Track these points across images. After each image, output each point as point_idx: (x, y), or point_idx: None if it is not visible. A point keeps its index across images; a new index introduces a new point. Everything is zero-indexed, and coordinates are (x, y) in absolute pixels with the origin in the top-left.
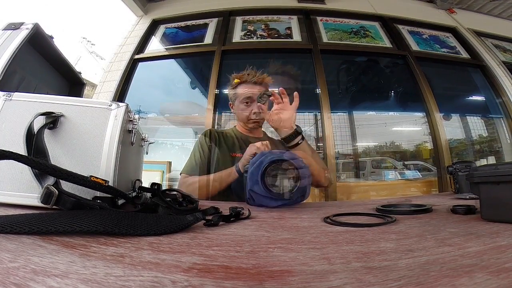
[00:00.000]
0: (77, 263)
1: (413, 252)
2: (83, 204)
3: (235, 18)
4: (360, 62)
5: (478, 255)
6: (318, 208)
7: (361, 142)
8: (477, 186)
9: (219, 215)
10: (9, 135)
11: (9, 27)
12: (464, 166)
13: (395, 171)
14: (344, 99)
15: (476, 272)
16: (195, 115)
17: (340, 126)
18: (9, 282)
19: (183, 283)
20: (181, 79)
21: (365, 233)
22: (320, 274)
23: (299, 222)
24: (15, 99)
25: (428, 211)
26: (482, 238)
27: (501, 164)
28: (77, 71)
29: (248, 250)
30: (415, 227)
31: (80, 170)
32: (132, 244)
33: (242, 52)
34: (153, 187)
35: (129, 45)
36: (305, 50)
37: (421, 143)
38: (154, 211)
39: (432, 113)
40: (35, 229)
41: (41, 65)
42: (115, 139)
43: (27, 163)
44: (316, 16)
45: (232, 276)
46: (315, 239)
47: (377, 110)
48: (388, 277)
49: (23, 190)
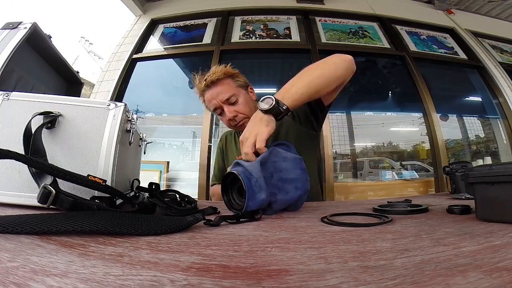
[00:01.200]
0: (76, 262)
1: (409, 251)
2: (81, 204)
3: (234, 18)
4: (358, 62)
5: (472, 255)
6: (315, 208)
7: (359, 142)
8: (472, 186)
9: (219, 217)
10: (7, 134)
11: (7, 26)
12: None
13: (392, 171)
14: (342, 99)
15: (470, 272)
16: (193, 114)
17: (338, 126)
18: (8, 282)
19: (181, 282)
20: (179, 79)
21: (362, 233)
22: (317, 273)
23: (297, 222)
24: (12, 98)
25: (424, 211)
26: (477, 237)
27: (496, 165)
28: (75, 70)
29: (246, 250)
30: (411, 227)
31: (78, 169)
32: (131, 243)
33: (241, 52)
34: (151, 187)
35: (127, 45)
36: (304, 50)
37: (418, 143)
38: (152, 211)
39: (430, 114)
40: (36, 229)
41: (39, 64)
42: (113, 139)
43: (25, 162)
44: (314, 16)
45: (230, 275)
46: (313, 239)
47: (375, 110)
48: (383, 276)
49: (21, 190)
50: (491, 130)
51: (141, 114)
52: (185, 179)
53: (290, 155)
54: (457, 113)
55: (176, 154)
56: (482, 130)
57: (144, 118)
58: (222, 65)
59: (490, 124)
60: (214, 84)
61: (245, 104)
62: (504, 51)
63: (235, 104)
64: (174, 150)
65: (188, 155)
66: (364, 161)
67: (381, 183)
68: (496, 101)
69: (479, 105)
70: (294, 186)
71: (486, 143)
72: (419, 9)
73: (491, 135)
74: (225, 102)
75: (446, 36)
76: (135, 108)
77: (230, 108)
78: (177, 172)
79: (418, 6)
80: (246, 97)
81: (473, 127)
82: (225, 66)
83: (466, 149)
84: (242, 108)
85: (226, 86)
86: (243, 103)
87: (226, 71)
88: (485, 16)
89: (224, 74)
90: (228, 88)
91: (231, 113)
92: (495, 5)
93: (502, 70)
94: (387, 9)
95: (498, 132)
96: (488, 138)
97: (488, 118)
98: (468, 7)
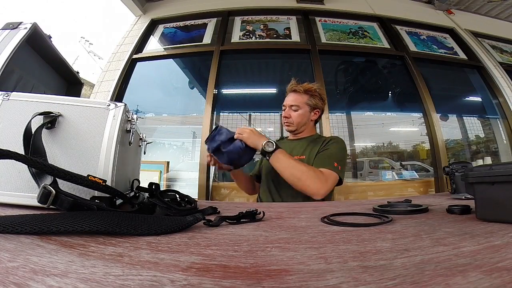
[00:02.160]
0: (76, 262)
1: (409, 251)
2: (81, 204)
3: (234, 18)
4: (358, 62)
5: (472, 255)
6: (316, 208)
7: (359, 142)
8: (472, 186)
9: (219, 217)
10: (7, 134)
11: (7, 27)
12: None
13: (392, 171)
14: (342, 99)
15: (470, 271)
16: (193, 115)
17: (338, 126)
18: (8, 282)
19: (181, 282)
20: (179, 79)
21: (362, 233)
22: (317, 273)
23: (297, 222)
24: (12, 98)
25: (424, 211)
26: (477, 237)
27: (495, 165)
28: (75, 70)
29: (246, 250)
30: (411, 227)
31: (78, 169)
32: (131, 243)
33: (240, 52)
34: (151, 187)
35: (127, 45)
36: (304, 50)
37: (418, 143)
38: (152, 211)
39: (430, 114)
40: (36, 229)
41: (39, 64)
42: (113, 139)
43: (25, 162)
44: (314, 16)
45: (230, 275)
46: (313, 239)
47: (375, 110)
48: (383, 276)
49: (21, 190)
50: (491, 130)
51: (141, 114)
52: (185, 179)
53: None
54: (457, 113)
55: (176, 154)
56: (482, 130)
57: (144, 118)
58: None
59: (490, 124)
60: (295, 92)
61: (299, 116)
62: (504, 51)
63: (294, 111)
64: (174, 150)
65: (188, 155)
66: (364, 161)
67: (381, 183)
68: (496, 101)
69: (479, 105)
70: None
71: (486, 143)
72: (419, 9)
73: (491, 135)
74: (290, 106)
75: (446, 36)
76: (135, 108)
77: (288, 111)
78: (177, 172)
79: (418, 6)
80: (305, 113)
81: (473, 127)
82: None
83: (466, 149)
84: (294, 117)
85: (299, 98)
86: (298, 115)
87: (309, 88)
88: (485, 16)
89: (304, 90)
90: (299, 100)
91: (286, 114)
92: (495, 5)
93: (502, 70)
94: (387, 9)
95: (498, 132)
96: (488, 138)
97: (488, 118)
98: (468, 7)
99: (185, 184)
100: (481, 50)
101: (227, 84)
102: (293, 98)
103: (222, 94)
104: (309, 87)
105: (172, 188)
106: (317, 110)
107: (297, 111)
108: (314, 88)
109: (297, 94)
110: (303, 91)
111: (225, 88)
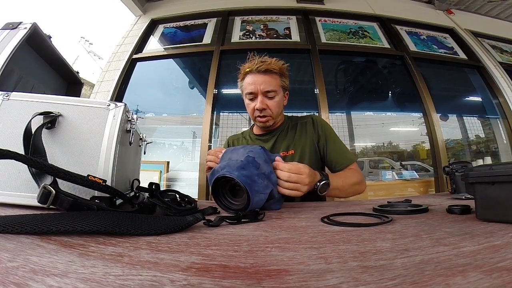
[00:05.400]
0: (76, 262)
1: (409, 251)
2: (81, 204)
3: (234, 18)
4: (358, 62)
5: (472, 255)
6: (315, 208)
7: (359, 142)
8: (472, 186)
9: (219, 217)
10: (7, 134)
11: (7, 27)
12: (461, 167)
13: (392, 171)
14: (342, 99)
15: (470, 272)
16: (193, 114)
17: (338, 126)
18: (8, 282)
19: (181, 282)
20: (179, 79)
21: (362, 233)
22: (317, 273)
23: (297, 222)
24: (12, 98)
25: (424, 211)
26: (477, 237)
27: (495, 165)
28: (75, 70)
29: (246, 250)
30: (411, 227)
31: (78, 169)
32: (131, 243)
33: (240, 52)
34: (151, 187)
35: (127, 45)
36: (304, 50)
37: (418, 143)
38: (152, 211)
39: (430, 114)
40: (36, 229)
41: (38, 64)
42: (113, 139)
43: (25, 162)
44: (314, 16)
45: (230, 275)
46: (313, 239)
47: (375, 110)
48: (383, 276)
49: (21, 190)
50: (491, 130)
51: (141, 114)
52: (185, 179)
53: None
54: (457, 113)
55: (176, 154)
56: (482, 130)
57: (144, 118)
58: (281, 61)
59: (490, 124)
60: (265, 73)
61: (277, 104)
62: (504, 51)
63: (270, 99)
64: (174, 150)
65: (188, 155)
66: (364, 161)
67: (381, 183)
68: (496, 101)
69: (479, 105)
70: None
71: (486, 143)
72: (419, 9)
73: (491, 135)
74: (264, 93)
75: (446, 36)
76: (135, 108)
77: (264, 100)
78: (177, 172)
79: (418, 6)
80: (281, 99)
81: (473, 127)
82: (282, 64)
83: (466, 149)
84: (273, 107)
85: (273, 80)
86: (276, 103)
87: (282, 67)
88: (485, 16)
89: (279, 69)
90: (274, 83)
91: (262, 105)
92: (495, 5)
93: (502, 70)
94: (387, 9)
95: (498, 132)
96: (488, 138)
97: (488, 118)
98: (468, 7)
99: (185, 184)
100: (481, 50)
101: (227, 84)
102: (266, 81)
103: (222, 94)
104: (281, 64)
105: (172, 188)
106: (287, 93)
107: (273, 99)
108: (284, 64)
109: (270, 76)
110: (276, 71)
111: (225, 88)
